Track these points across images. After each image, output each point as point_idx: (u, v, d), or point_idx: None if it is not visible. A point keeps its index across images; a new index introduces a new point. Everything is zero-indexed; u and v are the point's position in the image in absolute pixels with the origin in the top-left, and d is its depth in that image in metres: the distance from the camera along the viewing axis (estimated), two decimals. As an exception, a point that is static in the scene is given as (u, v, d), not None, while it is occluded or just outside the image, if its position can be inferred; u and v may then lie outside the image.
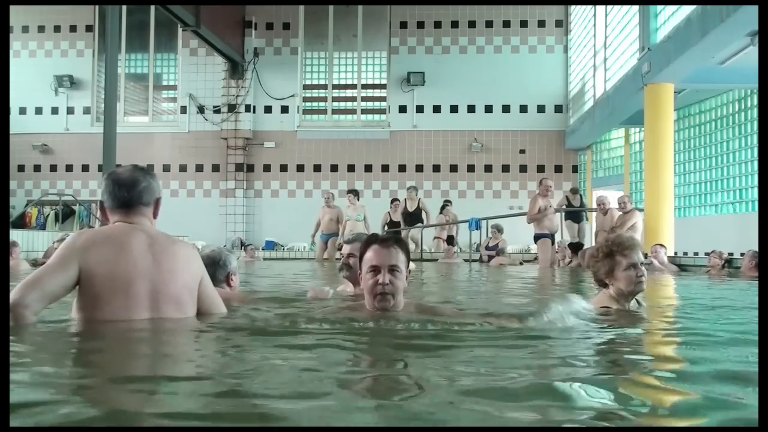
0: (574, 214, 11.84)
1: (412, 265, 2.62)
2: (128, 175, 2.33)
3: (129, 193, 2.30)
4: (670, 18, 9.37)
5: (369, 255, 2.40)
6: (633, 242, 2.88)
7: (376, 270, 2.37)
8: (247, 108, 15.63)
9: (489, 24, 15.70)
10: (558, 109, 15.53)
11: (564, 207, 11.77)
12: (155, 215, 2.39)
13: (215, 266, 3.09)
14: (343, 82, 16.13)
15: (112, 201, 2.31)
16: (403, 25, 15.83)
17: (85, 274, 2.14)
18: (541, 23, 15.63)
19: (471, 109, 15.53)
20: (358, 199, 11.69)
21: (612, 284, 2.84)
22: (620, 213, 9.79)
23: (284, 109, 15.79)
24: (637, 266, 2.79)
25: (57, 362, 1.75)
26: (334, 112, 16.11)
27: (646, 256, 8.78)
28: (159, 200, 2.41)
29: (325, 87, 16.16)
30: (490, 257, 11.46)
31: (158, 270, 2.22)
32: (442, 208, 13.08)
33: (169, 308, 2.23)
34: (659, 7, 9.84)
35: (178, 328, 2.22)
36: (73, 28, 16.26)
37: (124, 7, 14.56)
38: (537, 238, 9.68)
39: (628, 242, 2.86)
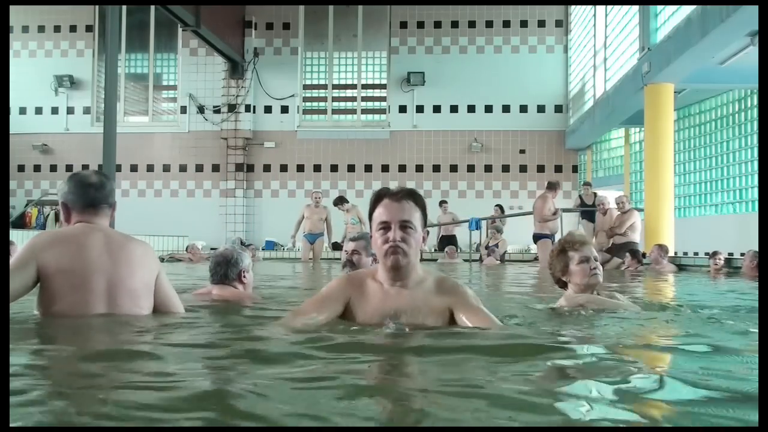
0: (590, 214, 11.68)
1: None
2: (96, 178, 2.47)
3: (98, 193, 2.43)
4: (670, 18, 9.38)
5: (379, 211, 2.16)
6: (584, 239, 3.01)
7: (385, 226, 2.12)
8: (247, 108, 15.63)
9: (489, 24, 15.70)
10: (558, 109, 15.53)
11: (578, 207, 11.74)
12: (113, 217, 2.53)
13: (227, 265, 3.18)
14: (343, 82, 16.13)
15: (81, 200, 2.42)
16: (403, 25, 15.83)
17: (44, 272, 2.27)
18: (541, 23, 15.63)
19: (471, 109, 15.53)
20: (345, 203, 11.48)
21: (569, 281, 2.97)
22: (618, 213, 9.80)
23: (284, 109, 15.79)
24: (590, 260, 2.91)
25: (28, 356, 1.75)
26: (334, 112, 16.11)
27: (644, 255, 8.80)
28: (115, 204, 2.55)
29: (325, 87, 16.16)
30: (490, 257, 11.49)
31: (115, 267, 2.35)
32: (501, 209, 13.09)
33: (125, 303, 2.35)
34: (659, 7, 9.84)
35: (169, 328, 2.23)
36: (73, 28, 16.26)
37: (124, 7, 14.55)
38: (538, 238, 9.69)
39: (579, 238, 3.00)
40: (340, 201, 11.47)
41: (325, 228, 11.29)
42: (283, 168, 15.74)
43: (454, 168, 15.45)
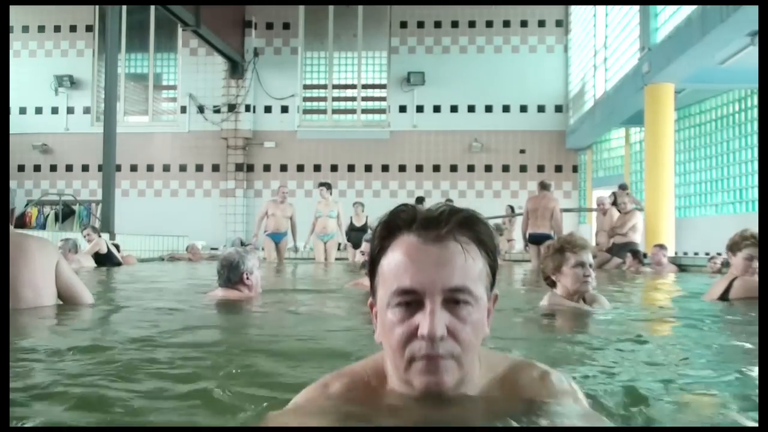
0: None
1: None
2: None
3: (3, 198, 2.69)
4: (670, 18, 9.38)
5: (395, 258, 1.00)
6: (585, 243, 2.98)
7: (412, 299, 0.97)
8: (247, 108, 15.63)
9: (489, 24, 15.70)
10: (558, 109, 15.53)
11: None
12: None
13: (229, 268, 3.31)
14: (343, 82, 16.12)
15: None
16: (403, 25, 15.83)
17: None
18: (541, 23, 15.63)
19: (471, 109, 15.53)
20: (331, 193, 10.52)
21: (559, 281, 2.94)
22: (620, 213, 9.79)
23: (284, 109, 15.79)
24: (585, 266, 2.89)
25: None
26: (334, 112, 16.11)
27: (645, 255, 8.80)
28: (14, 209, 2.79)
29: (325, 87, 16.16)
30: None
31: (13, 263, 2.54)
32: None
33: (29, 296, 2.59)
34: (659, 7, 9.84)
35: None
36: (73, 28, 16.26)
37: (124, 7, 14.56)
38: (547, 238, 9.59)
39: (580, 241, 2.96)
40: (324, 185, 10.38)
41: (290, 227, 10.23)
42: (283, 168, 15.74)
43: (454, 168, 15.45)
